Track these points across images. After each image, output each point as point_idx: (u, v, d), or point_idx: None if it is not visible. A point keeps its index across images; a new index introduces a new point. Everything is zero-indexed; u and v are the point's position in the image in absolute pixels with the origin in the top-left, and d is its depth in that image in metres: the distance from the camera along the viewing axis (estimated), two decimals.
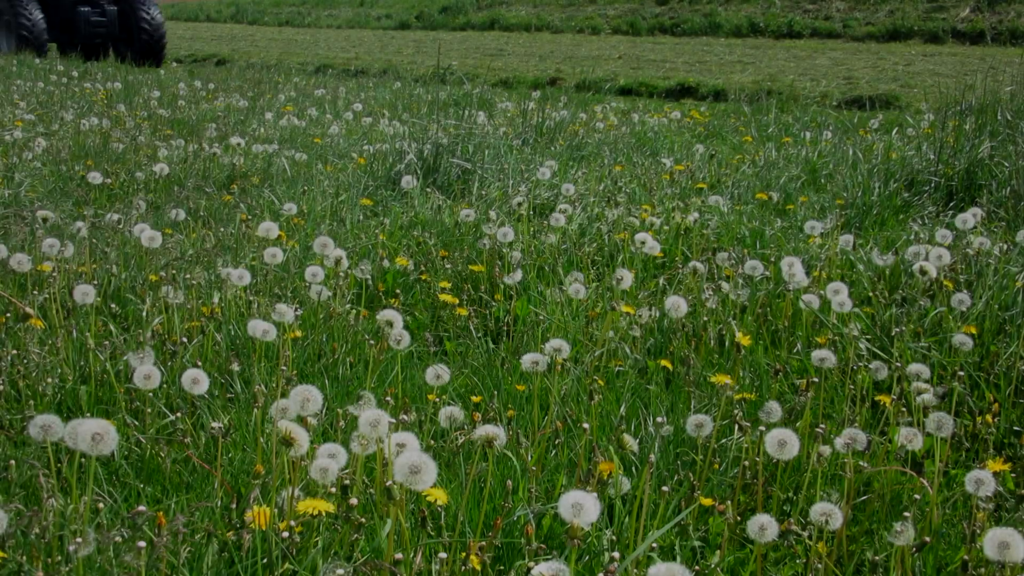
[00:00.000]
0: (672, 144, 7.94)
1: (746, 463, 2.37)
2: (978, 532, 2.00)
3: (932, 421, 2.22)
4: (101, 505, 2.10)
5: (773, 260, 4.03)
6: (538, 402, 2.69)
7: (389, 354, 3.02)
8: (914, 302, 3.49)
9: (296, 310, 3.15)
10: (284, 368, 2.67)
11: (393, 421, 2.05)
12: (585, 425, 2.36)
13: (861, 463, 2.45)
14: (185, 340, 3.04)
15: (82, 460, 2.15)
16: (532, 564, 1.82)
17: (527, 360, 2.55)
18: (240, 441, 2.57)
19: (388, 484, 1.84)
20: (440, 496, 2.01)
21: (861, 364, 2.91)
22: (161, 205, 5.15)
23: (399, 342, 2.61)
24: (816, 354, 2.65)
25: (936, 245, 3.75)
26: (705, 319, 3.41)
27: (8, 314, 3.16)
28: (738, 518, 2.23)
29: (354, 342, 3.25)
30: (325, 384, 2.91)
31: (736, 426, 2.58)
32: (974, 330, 3.17)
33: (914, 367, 2.63)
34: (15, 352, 2.87)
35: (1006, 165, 5.36)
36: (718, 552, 2.16)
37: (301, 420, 2.03)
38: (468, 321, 3.52)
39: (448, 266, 4.02)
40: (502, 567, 2.10)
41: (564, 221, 4.30)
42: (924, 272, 3.40)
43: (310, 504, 1.93)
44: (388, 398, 2.47)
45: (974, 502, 2.09)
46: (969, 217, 4.08)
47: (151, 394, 2.63)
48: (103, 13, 17.37)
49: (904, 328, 3.23)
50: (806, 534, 2.07)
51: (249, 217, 4.70)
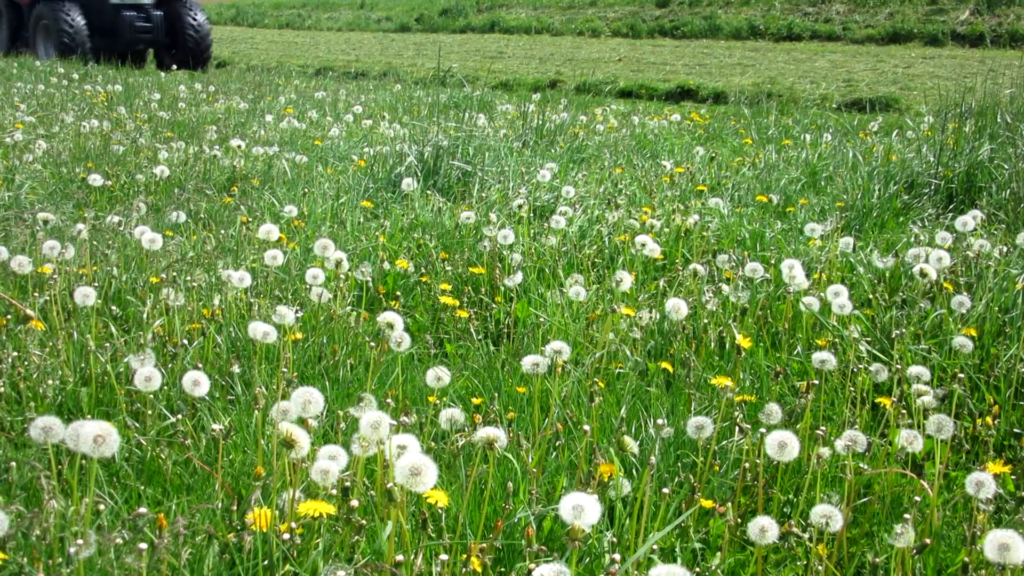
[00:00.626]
0: (672, 146, 7.95)
1: (746, 465, 2.38)
2: (978, 534, 2.00)
3: (932, 423, 2.23)
4: (102, 507, 2.10)
5: (773, 262, 4.03)
6: (539, 404, 2.69)
7: (390, 356, 3.02)
8: (914, 304, 3.49)
9: (297, 312, 3.15)
10: (285, 370, 2.67)
11: (394, 423, 2.05)
12: (586, 427, 2.36)
13: (861, 465, 2.45)
14: (186, 342, 3.04)
15: (83, 462, 2.15)
16: (533, 566, 1.82)
17: (527, 362, 2.55)
18: (241, 443, 2.57)
19: (389, 486, 1.84)
20: (441, 498, 2.01)
21: (861, 366, 2.92)
22: (162, 207, 5.15)
23: (400, 344, 2.61)
24: (816, 356, 2.65)
25: (936, 247, 3.76)
26: (705, 321, 3.41)
27: (9, 316, 3.17)
28: (739, 520, 2.23)
29: (355, 344, 3.25)
30: (326, 386, 2.91)
31: (736, 428, 2.59)
32: (974, 332, 3.17)
33: (914, 369, 2.63)
34: (16, 354, 2.87)
35: (1006, 167, 5.36)
36: (719, 554, 2.16)
37: (302, 422, 2.03)
38: (469, 323, 3.52)
39: (448, 268, 4.02)
40: (503, 569, 2.10)
41: (564, 223, 4.30)
42: (924, 274, 3.40)
43: (311, 506, 1.93)
44: (389, 400, 2.47)
45: (974, 504, 2.09)
46: (969, 219, 4.09)
47: (152, 396, 2.64)
48: (149, 19, 16.60)
49: (904, 330, 3.23)
50: (806, 536, 2.07)
51: (249, 219, 4.70)
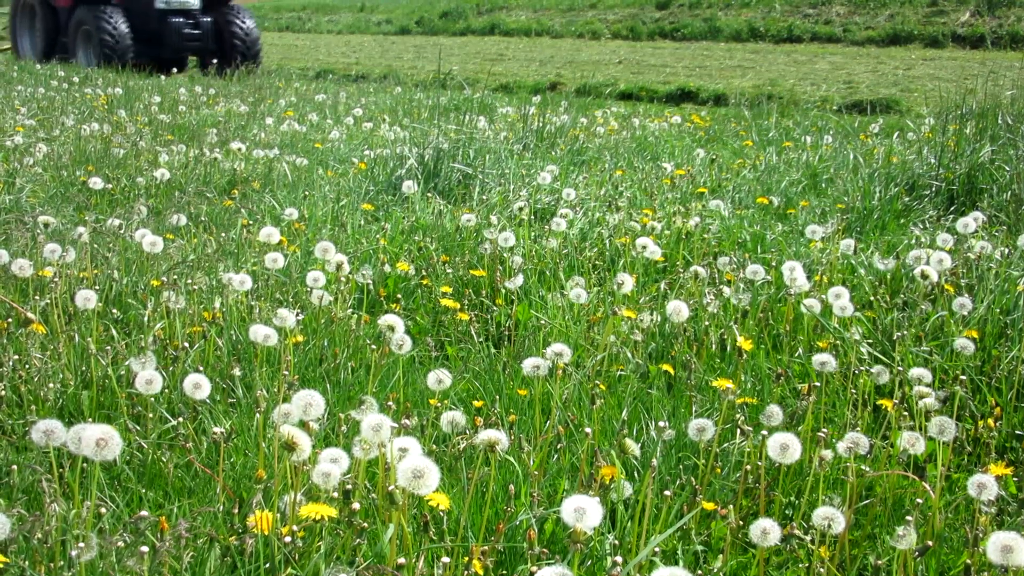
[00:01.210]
0: (673, 149, 7.94)
1: (748, 467, 2.38)
2: (981, 536, 2.00)
3: (934, 425, 2.23)
4: (103, 510, 2.09)
5: (774, 264, 4.03)
6: (540, 407, 2.68)
7: (391, 359, 3.02)
8: (915, 306, 3.49)
9: (297, 315, 3.15)
10: (286, 373, 2.67)
11: (395, 426, 2.05)
12: (587, 430, 2.35)
13: (863, 467, 2.45)
14: (187, 345, 3.04)
15: (84, 465, 2.15)
16: (535, 569, 1.82)
17: (528, 365, 2.55)
18: (242, 446, 2.57)
19: (390, 489, 1.84)
20: (442, 501, 2.01)
21: (863, 368, 2.91)
22: (162, 210, 5.14)
23: (401, 347, 2.61)
24: (817, 358, 2.65)
25: (937, 249, 3.75)
26: (706, 323, 3.41)
27: (10, 319, 3.16)
28: (740, 522, 2.23)
29: (356, 347, 3.25)
30: (327, 389, 2.91)
31: (738, 430, 2.59)
32: (976, 334, 3.17)
33: (916, 371, 2.63)
34: (17, 357, 2.87)
35: (1007, 169, 5.36)
36: (720, 556, 2.16)
37: (303, 425, 2.03)
38: (469, 326, 3.52)
39: (449, 271, 4.02)
40: (505, 572, 2.10)
41: (565, 226, 4.30)
42: (925, 276, 3.40)
43: (312, 509, 1.93)
44: (390, 403, 2.47)
45: (976, 506, 2.09)
46: (970, 221, 4.09)
47: (153, 399, 2.63)
48: (197, 25, 15.89)
49: (905, 332, 3.23)
50: (808, 538, 2.06)
51: (250, 222, 4.70)
